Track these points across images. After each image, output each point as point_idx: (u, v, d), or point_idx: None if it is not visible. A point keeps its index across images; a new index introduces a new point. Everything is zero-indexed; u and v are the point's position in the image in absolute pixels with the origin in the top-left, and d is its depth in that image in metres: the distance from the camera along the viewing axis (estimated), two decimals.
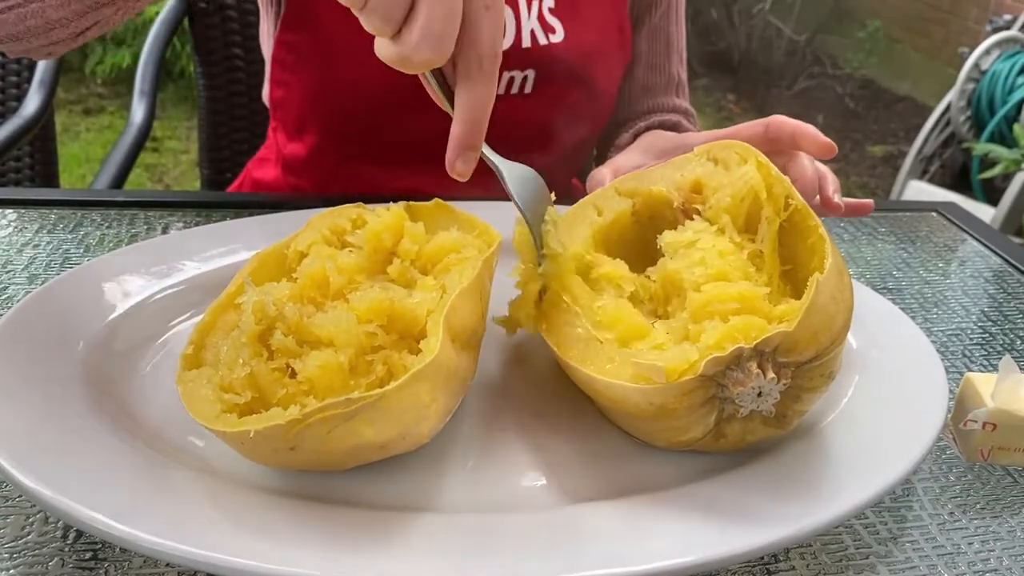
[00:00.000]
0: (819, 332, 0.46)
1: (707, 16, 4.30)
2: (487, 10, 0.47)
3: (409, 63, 0.45)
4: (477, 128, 0.49)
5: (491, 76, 0.48)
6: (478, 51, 0.47)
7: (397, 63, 0.46)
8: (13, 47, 0.65)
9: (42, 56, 0.66)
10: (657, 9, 0.97)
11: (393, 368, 0.49)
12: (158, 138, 3.23)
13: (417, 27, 0.44)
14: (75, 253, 0.74)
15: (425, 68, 0.46)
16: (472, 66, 0.47)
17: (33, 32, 0.62)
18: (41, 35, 0.63)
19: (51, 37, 0.63)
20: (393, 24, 0.45)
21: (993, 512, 0.53)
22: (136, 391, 0.54)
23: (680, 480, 0.49)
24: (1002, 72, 2.83)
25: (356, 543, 0.43)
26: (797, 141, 0.68)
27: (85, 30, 0.64)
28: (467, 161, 0.49)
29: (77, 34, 0.64)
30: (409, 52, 0.45)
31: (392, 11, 0.45)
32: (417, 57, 0.45)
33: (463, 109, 0.48)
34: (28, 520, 0.47)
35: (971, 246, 0.91)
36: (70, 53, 0.71)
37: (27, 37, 0.63)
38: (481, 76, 0.47)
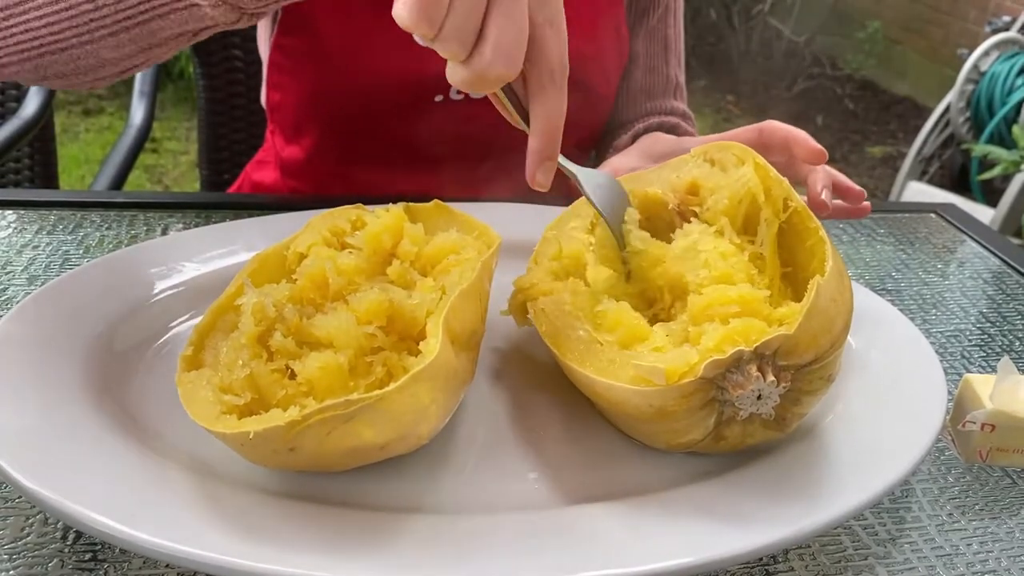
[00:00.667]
0: (819, 335, 0.46)
1: (706, 17, 4.30)
2: (551, 26, 0.48)
3: (484, 81, 0.47)
4: (554, 139, 0.50)
5: (562, 88, 0.49)
6: (549, 65, 0.49)
7: (471, 84, 0.47)
8: (57, 83, 0.66)
9: (84, 88, 0.68)
10: (655, 11, 0.96)
11: (392, 369, 0.49)
12: (157, 139, 3.23)
13: (489, 46, 0.46)
14: (75, 254, 0.74)
15: (498, 85, 0.47)
16: (544, 79, 0.49)
17: (83, 70, 0.63)
18: (90, 72, 0.64)
19: (99, 74, 0.64)
20: (468, 47, 0.46)
21: (992, 513, 0.53)
22: (136, 392, 0.54)
23: (679, 481, 0.49)
24: (1001, 73, 2.83)
25: (355, 544, 0.43)
26: (789, 146, 0.68)
27: (133, 67, 0.65)
28: (547, 171, 0.51)
29: (125, 70, 0.65)
30: (483, 70, 0.46)
31: (466, 34, 0.46)
32: (492, 73, 0.46)
33: (540, 121, 0.50)
34: (28, 521, 0.47)
35: (970, 247, 0.91)
36: None
37: (75, 75, 0.64)
38: (553, 88, 0.49)
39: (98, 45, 0.61)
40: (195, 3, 0.58)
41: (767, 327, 0.47)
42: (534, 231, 0.65)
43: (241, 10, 0.59)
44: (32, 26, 0.61)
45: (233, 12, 0.58)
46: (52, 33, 0.61)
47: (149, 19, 0.59)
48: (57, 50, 0.62)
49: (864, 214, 0.72)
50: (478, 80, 0.47)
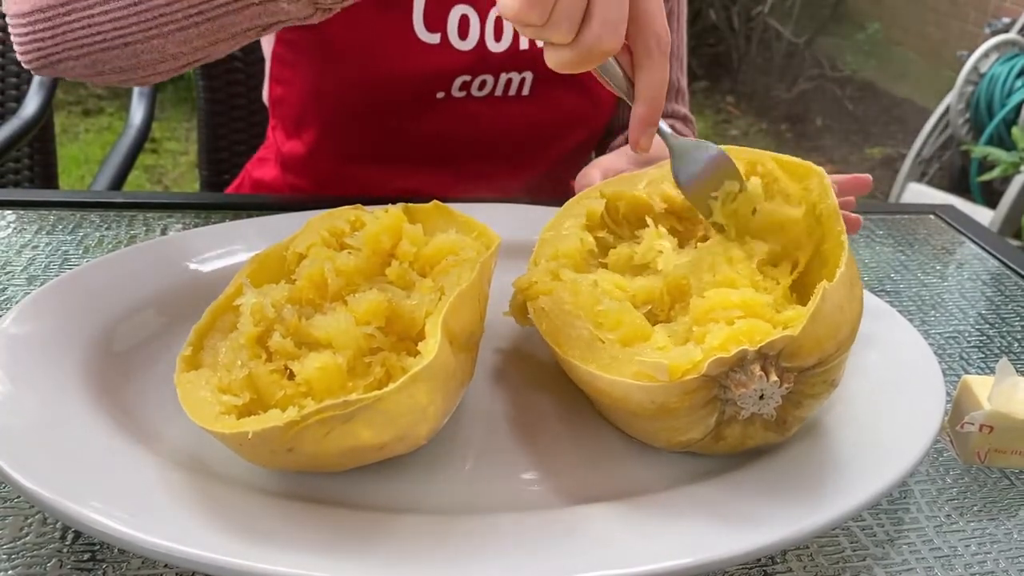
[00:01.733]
0: (824, 339, 0.46)
1: (706, 18, 4.30)
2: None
3: (592, 55, 0.48)
4: (657, 106, 0.52)
5: (665, 56, 0.51)
6: (653, 33, 0.50)
7: (579, 62, 0.48)
8: (112, 78, 0.65)
9: (136, 84, 0.67)
10: None
11: (391, 370, 0.49)
12: (157, 139, 3.23)
13: (596, 22, 0.47)
14: (74, 254, 0.74)
15: (605, 58, 0.49)
16: (650, 48, 0.51)
17: (143, 65, 0.63)
18: (150, 67, 0.63)
19: (158, 68, 0.64)
20: (576, 28, 0.47)
21: (990, 514, 0.53)
22: (135, 392, 0.54)
23: (678, 481, 0.49)
24: (1001, 75, 2.83)
25: (354, 544, 0.43)
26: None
27: (195, 61, 0.64)
28: (649, 136, 0.53)
29: (186, 65, 0.64)
30: (592, 45, 0.47)
31: (575, 16, 0.47)
32: (600, 47, 0.47)
33: (645, 88, 0.52)
34: (27, 521, 0.47)
35: (969, 249, 0.91)
36: None
37: (133, 70, 0.63)
38: (660, 56, 0.51)
39: (165, 40, 0.60)
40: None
41: (772, 329, 0.47)
42: (534, 231, 0.65)
43: (316, 5, 0.58)
44: (96, 20, 0.60)
45: (309, 7, 0.58)
46: (116, 28, 0.60)
47: (223, 14, 0.59)
48: (120, 45, 0.61)
49: (855, 228, 0.71)
50: (587, 56, 0.48)
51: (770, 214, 0.55)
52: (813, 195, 0.54)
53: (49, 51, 0.64)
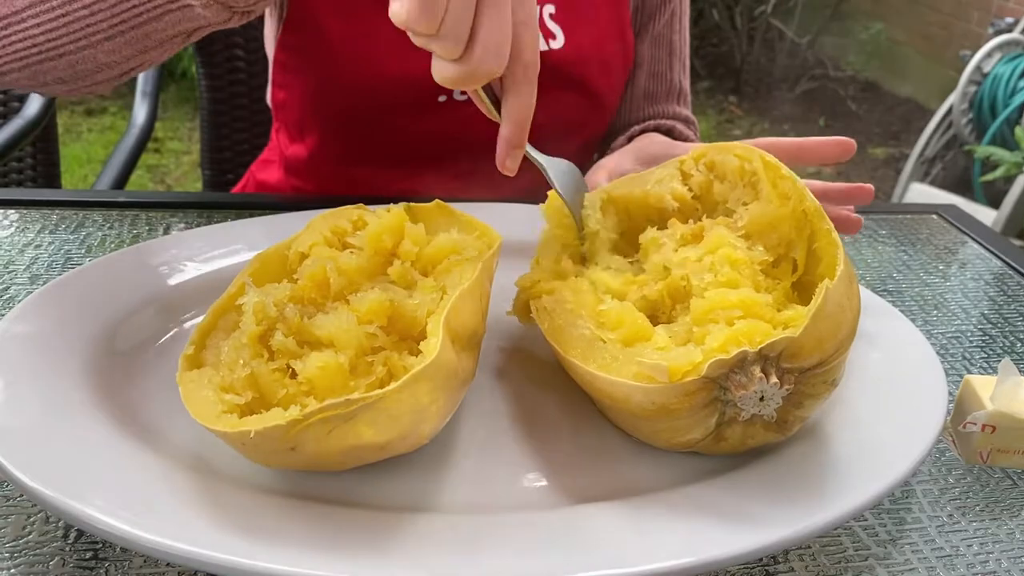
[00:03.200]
0: (824, 339, 0.46)
1: (709, 18, 4.30)
2: (525, 25, 0.52)
3: (474, 77, 0.50)
4: (523, 129, 0.54)
5: (533, 82, 0.53)
6: (523, 61, 0.52)
7: (461, 80, 0.50)
8: (57, 88, 0.67)
9: (83, 94, 0.69)
10: (660, 17, 0.96)
11: (393, 369, 0.49)
12: (160, 139, 3.24)
13: (480, 44, 0.49)
14: (77, 254, 0.74)
15: (486, 80, 0.50)
16: (519, 75, 0.52)
17: (82, 75, 0.65)
18: (88, 77, 0.65)
19: (97, 78, 0.65)
20: (462, 45, 0.49)
21: (992, 514, 0.53)
22: (137, 391, 0.55)
23: (680, 481, 0.49)
24: (1004, 75, 2.83)
25: (356, 543, 0.43)
26: (806, 155, 0.68)
27: (131, 70, 0.66)
28: (515, 158, 0.55)
29: (122, 74, 0.66)
30: (475, 66, 0.49)
31: (462, 33, 0.48)
32: (482, 69, 0.49)
33: (511, 112, 0.54)
34: (29, 519, 0.47)
35: (972, 249, 0.91)
36: None
37: (74, 80, 0.65)
38: (525, 82, 0.53)
39: (95, 50, 0.62)
40: (188, 3, 0.59)
41: (772, 329, 0.47)
42: (535, 231, 0.65)
43: (231, 9, 0.60)
44: (30, 34, 0.62)
45: (224, 11, 0.60)
46: (49, 40, 0.62)
47: (144, 22, 0.60)
48: (55, 56, 0.62)
49: (855, 229, 0.71)
50: (469, 76, 0.49)
51: (760, 214, 0.55)
52: (792, 199, 0.54)
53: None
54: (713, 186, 0.59)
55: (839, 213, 0.70)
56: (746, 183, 0.57)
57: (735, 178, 0.58)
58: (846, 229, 0.70)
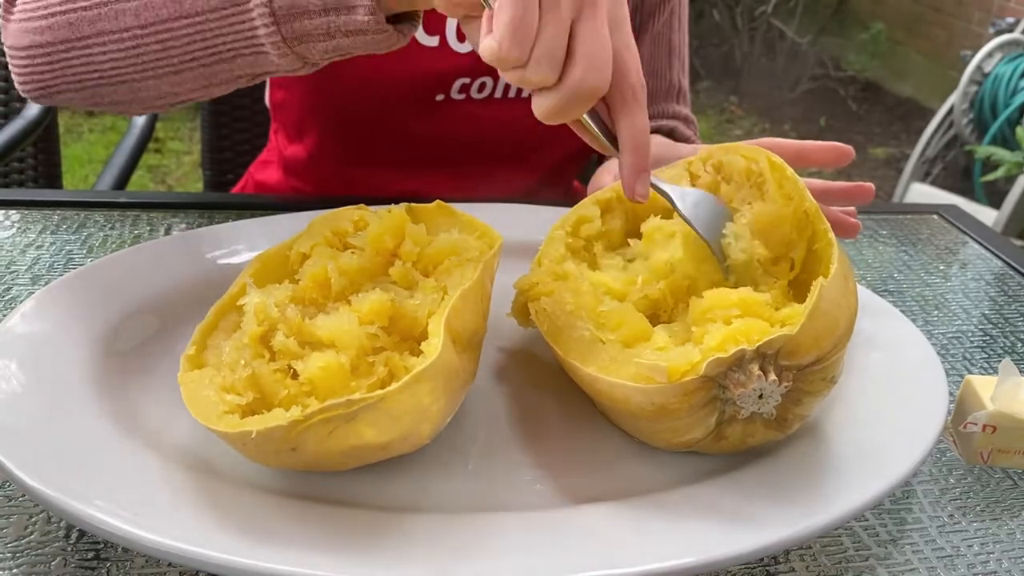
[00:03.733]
0: (821, 336, 0.46)
1: (709, 18, 4.30)
2: (627, 48, 0.50)
3: (578, 97, 0.47)
4: (645, 152, 0.52)
5: (644, 104, 0.51)
6: (631, 83, 0.50)
7: (564, 105, 0.47)
8: (109, 109, 0.67)
9: (133, 115, 0.69)
10: (660, 16, 0.96)
11: (394, 369, 0.49)
12: (161, 139, 3.24)
13: (580, 63, 0.47)
14: (78, 254, 0.74)
15: (591, 102, 0.48)
16: (627, 97, 0.50)
17: (140, 101, 0.64)
18: (147, 103, 0.65)
19: (155, 104, 0.65)
20: (558, 68, 0.47)
21: (993, 515, 0.53)
22: (138, 391, 0.55)
23: (680, 481, 0.49)
24: (1005, 75, 2.83)
25: (357, 543, 0.43)
26: (804, 158, 0.67)
27: (189, 100, 0.66)
28: (644, 183, 0.52)
29: (180, 103, 0.66)
30: (577, 85, 0.47)
31: (557, 55, 0.46)
32: (586, 87, 0.47)
33: (629, 136, 0.51)
34: (31, 520, 0.47)
35: (972, 249, 0.91)
36: None
37: (130, 104, 0.65)
38: (636, 105, 0.51)
39: (160, 81, 0.61)
40: (263, 51, 0.58)
41: (770, 327, 0.47)
42: (536, 231, 0.65)
43: (305, 60, 0.59)
44: (95, 59, 0.61)
45: (297, 61, 0.59)
46: (115, 68, 0.61)
47: (216, 61, 0.60)
48: (117, 82, 0.62)
49: (854, 233, 0.70)
50: (572, 99, 0.47)
51: (763, 213, 0.55)
52: (794, 199, 0.54)
53: (47, 83, 0.65)
54: (720, 187, 0.60)
55: (838, 216, 0.70)
56: (752, 183, 0.58)
57: (741, 179, 0.58)
58: (845, 233, 0.70)
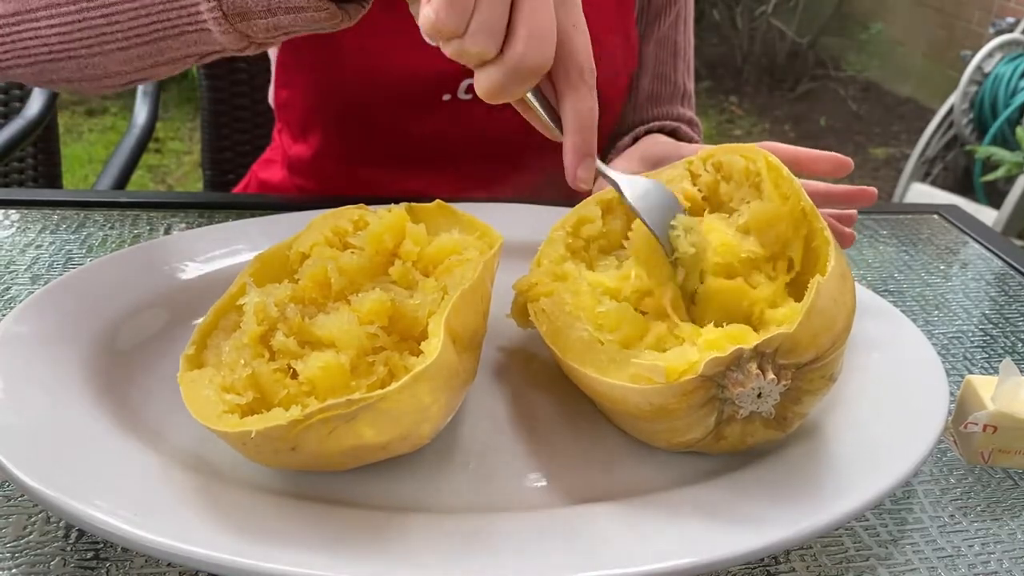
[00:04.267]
0: (819, 334, 0.46)
1: (710, 18, 4.30)
2: (575, 28, 0.49)
3: (519, 74, 0.46)
4: (591, 136, 0.50)
5: (592, 87, 0.49)
6: (577, 63, 0.49)
7: (505, 82, 0.46)
8: (61, 86, 0.67)
9: (88, 94, 0.68)
10: (666, 18, 0.96)
11: (394, 369, 0.49)
12: (161, 139, 3.24)
13: (521, 36, 0.45)
14: (78, 254, 0.74)
15: (534, 79, 0.46)
16: (573, 77, 0.49)
17: (89, 79, 0.64)
18: (96, 81, 0.65)
19: (103, 83, 0.65)
20: (498, 41, 0.45)
21: (994, 515, 0.53)
22: (138, 391, 0.55)
23: (681, 481, 0.49)
24: (1005, 75, 2.83)
25: (357, 543, 0.43)
26: (801, 166, 0.67)
27: (138, 80, 0.66)
28: (588, 168, 0.51)
29: (129, 83, 0.66)
30: (518, 61, 0.45)
31: (497, 27, 0.45)
32: (527, 64, 0.45)
33: (575, 119, 0.50)
34: (30, 519, 0.47)
35: (973, 249, 0.91)
36: None
37: (80, 81, 0.65)
38: (584, 86, 0.49)
39: (107, 58, 0.62)
40: (206, 28, 0.58)
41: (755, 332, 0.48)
42: (536, 231, 0.65)
43: (249, 39, 0.59)
44: (42, 33, 0.61)
45: (242, 40, 0.59)
46: (62, 42, 0.61)
47: (160, 38, 0.60)
48: (65, 57, 0.62)
49: (848, 243, 0.70)
50: (513, 74, 0.46)
51: (759, 211, 0.55)
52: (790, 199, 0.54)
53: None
54: (720, 186, 0.60)
55: (833, 226, 0.70)
56: (751, 183, 0.58)
57: (740, 178, 0.58)
58: (839, 243, 0.70)
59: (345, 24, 0.58)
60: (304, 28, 0.58)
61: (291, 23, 0.57)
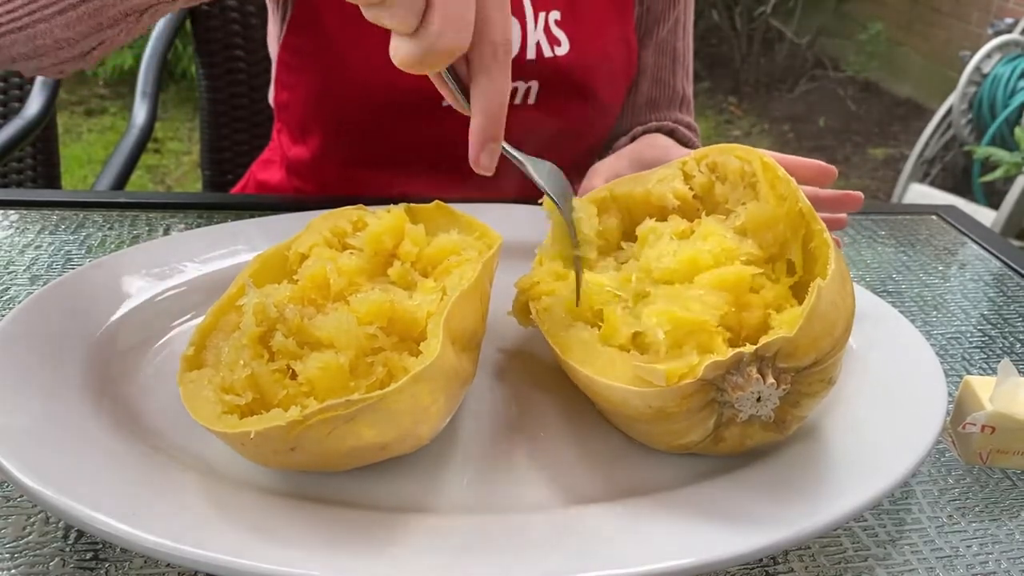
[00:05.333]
0: (820, 338, 0.46)
1: (708, 19, 4.30)
2: (496, 8, 0.47)
3: (433, 53, 0.45)
4: (497, 119, 0.49)
5: (506, 66, 0.48)
6: (491, 40, 0.47)
7: (420, 58, 0.45)
8: (26, 65, 0.67)
9: (54, 73, 0.69)
10: (665, 24, 0.96)
11: (393, 370, 0.49)
12: (160, 139, 3.24)
13: (437, 15, 0.44)
14: (77, 254, 0.74)
15: (448, 59, 0.45)
16: (487, 56, 0.47)
17: (43, 51, 0.64)
18: (51, 54, 0.64)
19: (60, 56, 0.65)
20: (417, 15, 0.44)
21: (992, 515, 0.53)
22: (137, 392, 0.55)
23: (680, 482, 0.50)
24: (1003, 76, 2.83)
25: (356, 544, 0.43)
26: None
27: (91, 50, 0.65)
28: (491, 153, 0.49)
29: (84, 53, 0.65)
30: (433, 41, 0.44)
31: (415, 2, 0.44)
32: (442, 44, 0.44)
33: (483, 100, 0.48)
34: (29, 520, 0.47)
35: (971, 249, 0.91)
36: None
37: (37, 56, 0.65)
38: (496, 66, 0.47)
39: (50, 24, 0.61)
40: None
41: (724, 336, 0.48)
42: (535, 232, 0.65)
43: None
44: None
45: None
46: (8, 12, 0.61)
47: None
48: (14, 29, 0.62)
49: (841, 225, 0.71)
50: (427, 53, 0.45)
51: (756, 212, 0.55)
52: (787, 200, 0.54)
53: None
54: (715, 187, 0.60)
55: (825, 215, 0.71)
56: (746, 184, 0.58)
57: (736, 179, 0.58)
58: (832, 227, 0.71)
59: None
60: None
61: None
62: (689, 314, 0.48)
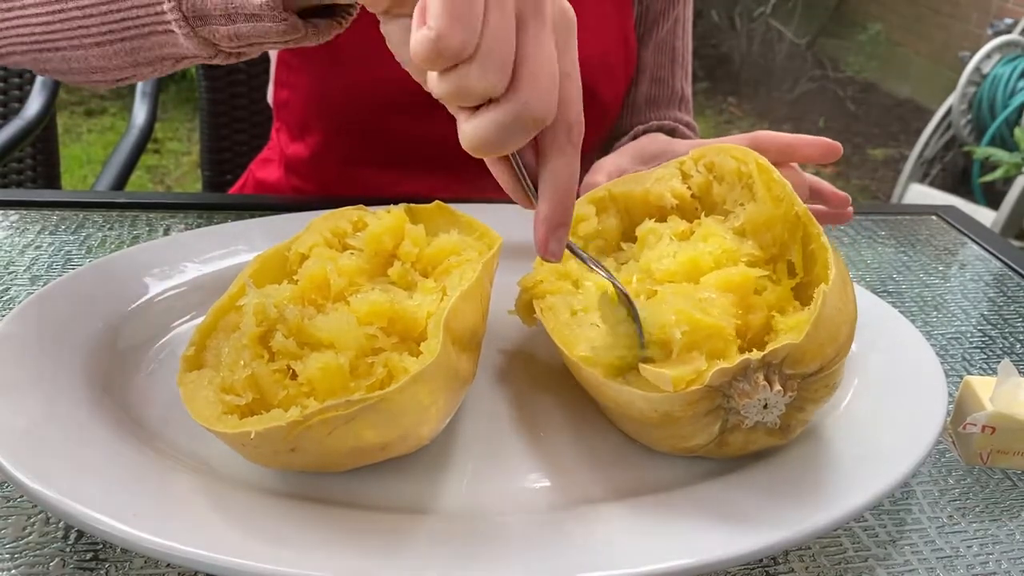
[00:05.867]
0: (825, 344, 0.46)
1: (708, 19, 4.30)
2: (569, 78, 0.41)
3: (520, 123, 0.38)
4: (569, 203, 0.43)
5: (578, 147, 0.42)
6: (568, 120, 0.41)
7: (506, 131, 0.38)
8: (60, 77, 0.68)
9: (85, 86, 0.70)
10: (664, 23, 0.96)
11: (393, 370, 0.49)
12: (159, 140, 3.24)
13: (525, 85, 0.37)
14: (77, 254, 0.74)
15: (534, 132, 0.39)
16: (560, 135, 0.41)
17: (76, 72, 0.65)
18: (83, 75, 0.65)
19: (91, 78, 0.66)
20: (507, 73, 0.37)
21: (992, 516, 0.53)
22: (137, 392, 0.55)
23: (680, 482, 0.49)
24: (1003, 76, 2.83)
25: (356, 544, 0.43)
26: (794, 152, 0.68)
27: (125, 78, 0.66)
28: (560, 240, 0.43)
29: (117, 80, 0.66)
30: (521, 108, 0.37)
31: (507, 49, 0.37)
32: (530, 112, 0.37)
33: (555, 182, 0.42)
34: (29, 520, 0.47)
35: (971, 250, 0.91)
36: None
37: (71, 74, 0.66)
38: (570, 146, 0.41)
39: (86, 52, 0.62)
40: (171, 30, 0.57)
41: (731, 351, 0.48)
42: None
43: (216, 47, 0.58)
44: (29, 22, 0.62)
45: (207, 47, 0.57)
46: (46, 32, 0.62)
47: (131, 37, 0.60)
48: (51, 48, 0.62)
49: (845, 220, 0.73)
50: (516, 123, 0.38)
51: (755, 213, 0.55)
52: (784, 202, 0.54)
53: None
54: (712, 187, 0.60)
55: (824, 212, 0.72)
56: (743, 185, 0.58)
57: (732, 180, 0.58)
58: (837, 220, 0.73)
59: (311, 41, 0.55)
60: (269, 40, 0.55)
61: (252, 32, 0.55)
62: (709, 319, 0.48)
